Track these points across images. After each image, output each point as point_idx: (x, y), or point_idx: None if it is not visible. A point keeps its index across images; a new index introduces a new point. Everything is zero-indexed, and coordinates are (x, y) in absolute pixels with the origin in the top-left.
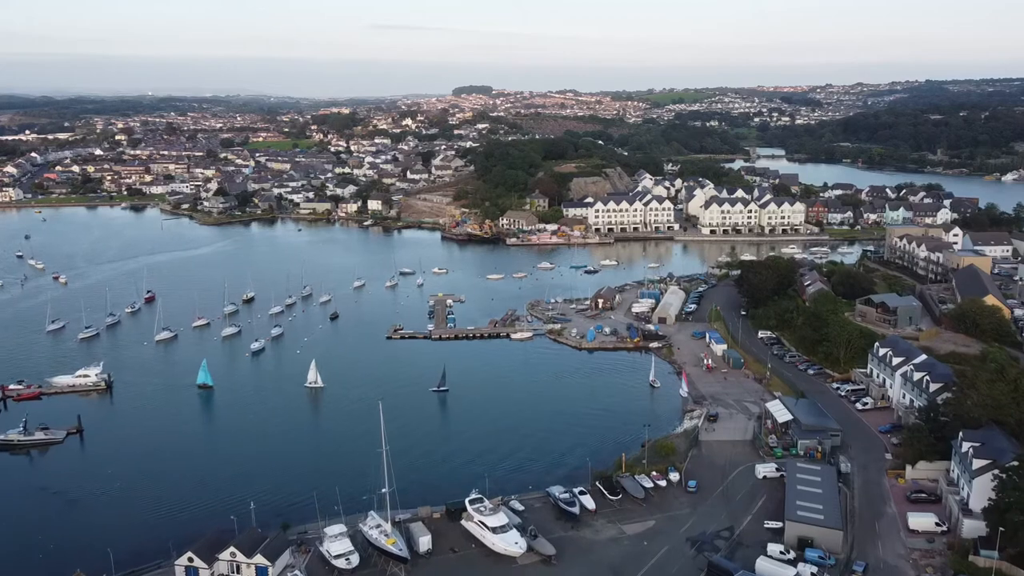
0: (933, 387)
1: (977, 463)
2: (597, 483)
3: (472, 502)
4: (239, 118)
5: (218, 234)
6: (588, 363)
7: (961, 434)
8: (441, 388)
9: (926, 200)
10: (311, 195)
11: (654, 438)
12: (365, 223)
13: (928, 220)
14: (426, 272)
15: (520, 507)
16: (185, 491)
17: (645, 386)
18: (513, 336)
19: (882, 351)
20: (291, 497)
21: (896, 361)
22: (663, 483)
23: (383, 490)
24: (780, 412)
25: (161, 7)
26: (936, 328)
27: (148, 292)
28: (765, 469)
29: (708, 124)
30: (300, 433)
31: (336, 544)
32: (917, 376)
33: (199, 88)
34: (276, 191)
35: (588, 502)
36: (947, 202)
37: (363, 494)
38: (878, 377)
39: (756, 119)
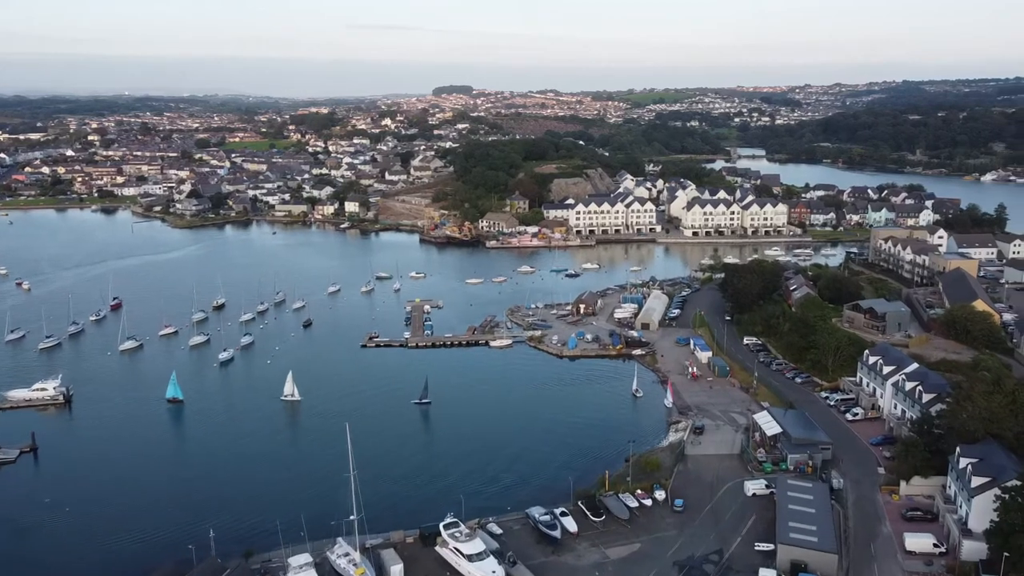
0: (926, 398)
1: (976, 480)
2: (579, 503)
3: (447, 526)
4: (216, 118)
5: (190, 237)
6: (569, 372)
7: (958, 449)
8: (423, 401)
9: (908, 201)
10: (287, 197)
11: (638, 452)
12: (342, 225)
13: (911, 221)
14: (403, 276)
15: (498, 530)
16: (144, 517)
17: (628, 396)
18: (492, 344)
19: (872, 359)
20: (256, 523)
21: (887, 370)
22: (648, 502)
23: (351, 517)
24: (768, 424)
25: (143, 6)
26: (926, 334)
27: (114, 299)
28: (754, 486)
29: (689, 124)
30: (274, 451)
31: None
32: (909, 386)
33: (177, 88)
34: (251, 193)
35: (570, 524)
36: (929, 203)
37: (332, 519)
38: (868, 386)
39: (736, 119)
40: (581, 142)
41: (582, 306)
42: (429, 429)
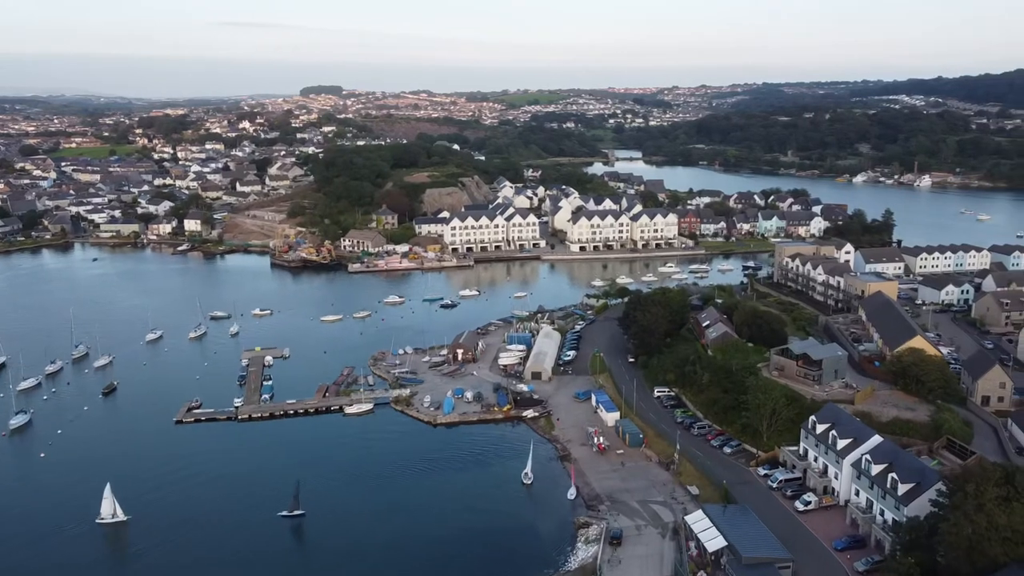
0: (903, 488)
1: None
2: None
3: None
4: (56, 121)
5: None
6: (446, 447)
7: None
8: (295, 512)
9: (796, 207)
10: (117, 214)
11: None
12: (180, 247)
13: (802, 229)
14: (244, 315)
15: None
16: None
17: (519, 484)
18: (348, 410)
19: (820, 427)
20: None
21: (842, 444)
22: None
23: None
24: (707, 533)
25: None
26: (870, 385)
27: None
28: None
29: (565, 126)
30: None
31: None
32: (876, 470)
33: (19, 88)
34: (74, 209)
35: None
36: (817, 208)
37: None
38: (817, 461)
39: (611, 120)
40: (456, 146)
41: (460, 351)
42: (290, 558)
